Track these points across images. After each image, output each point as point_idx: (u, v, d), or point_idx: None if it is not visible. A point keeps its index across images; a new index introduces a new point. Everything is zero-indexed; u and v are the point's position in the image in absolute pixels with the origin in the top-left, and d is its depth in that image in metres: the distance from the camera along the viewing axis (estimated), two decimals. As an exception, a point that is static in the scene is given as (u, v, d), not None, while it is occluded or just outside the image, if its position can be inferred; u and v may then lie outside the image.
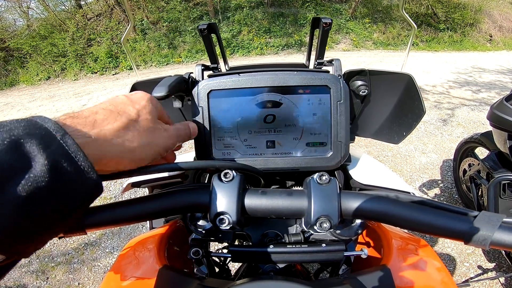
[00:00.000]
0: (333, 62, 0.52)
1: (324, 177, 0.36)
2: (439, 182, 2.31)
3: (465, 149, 1.95)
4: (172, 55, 7.80)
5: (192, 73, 0.49)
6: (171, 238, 0.52)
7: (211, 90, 0.46)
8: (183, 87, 0.46)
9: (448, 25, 9.98)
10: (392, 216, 0.33)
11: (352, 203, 0.35)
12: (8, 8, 8.71)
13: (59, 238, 0.31)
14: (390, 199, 0.34)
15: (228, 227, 0.34)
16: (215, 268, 0.51)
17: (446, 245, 1.75)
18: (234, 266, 1.34)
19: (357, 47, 8.47)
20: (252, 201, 0.35)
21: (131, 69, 7.47)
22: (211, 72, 0.57)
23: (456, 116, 3.54)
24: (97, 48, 7.91)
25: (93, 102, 5.09)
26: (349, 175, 0.59)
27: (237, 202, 0.34)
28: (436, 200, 0.36)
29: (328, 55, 0.53)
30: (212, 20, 8.11)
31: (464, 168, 1.94)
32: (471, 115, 3.56)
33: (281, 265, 0.46)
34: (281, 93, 0.46)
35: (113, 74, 7.35)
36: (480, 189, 1.71)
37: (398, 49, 8.81)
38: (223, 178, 0.36)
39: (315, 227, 0.34)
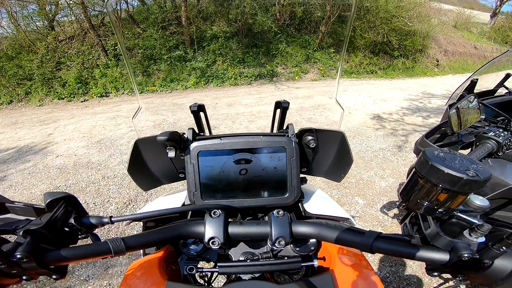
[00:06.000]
0: (288, 126, 0.72)
1: (280, 212, 0.56)
2: (397, 203, 2.58)
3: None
4: (146, 83, 7.75)
5: (185, 133, 0.67)
6: (166, 260, 0.63)
7: (200, 151, 0.64)
8: (177, 138, 0.62)
9: (401, 52, 10.88)
10: (320, 235, 0.53)
11: (298, 228, 0.54)
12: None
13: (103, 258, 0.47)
14: (321, 224, 0.54)
15: (217, 247, 0.52)
16: (205, 283, 0.66)
17: (414, 264, 1.93)
18: (220, 281, 1.53)
19: (323, 76, 9.15)
20: (233, 229, 0.54)
21: (101, 96, 7.26)
22: (201, 134, 0.76)
23: (410, 142, 3.98)
24: (66, 72, 7.67)
25: (60, 131, 4.81)
26: (303, 207, 0.77)
27: (223, 230, 0.53)
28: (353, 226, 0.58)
29: (298, 85, 0.71)
30: (187, 50, 8.36)
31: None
32: (422, 140, 4.01)
33: (256, 275, 0.60)
34: (251, 153, 0.65)
35: (81, 101, 7.05)
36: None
37: (360, 77, 9.68)
38: (212, 215, 0.55)
39: (276, 244, 0.53)
